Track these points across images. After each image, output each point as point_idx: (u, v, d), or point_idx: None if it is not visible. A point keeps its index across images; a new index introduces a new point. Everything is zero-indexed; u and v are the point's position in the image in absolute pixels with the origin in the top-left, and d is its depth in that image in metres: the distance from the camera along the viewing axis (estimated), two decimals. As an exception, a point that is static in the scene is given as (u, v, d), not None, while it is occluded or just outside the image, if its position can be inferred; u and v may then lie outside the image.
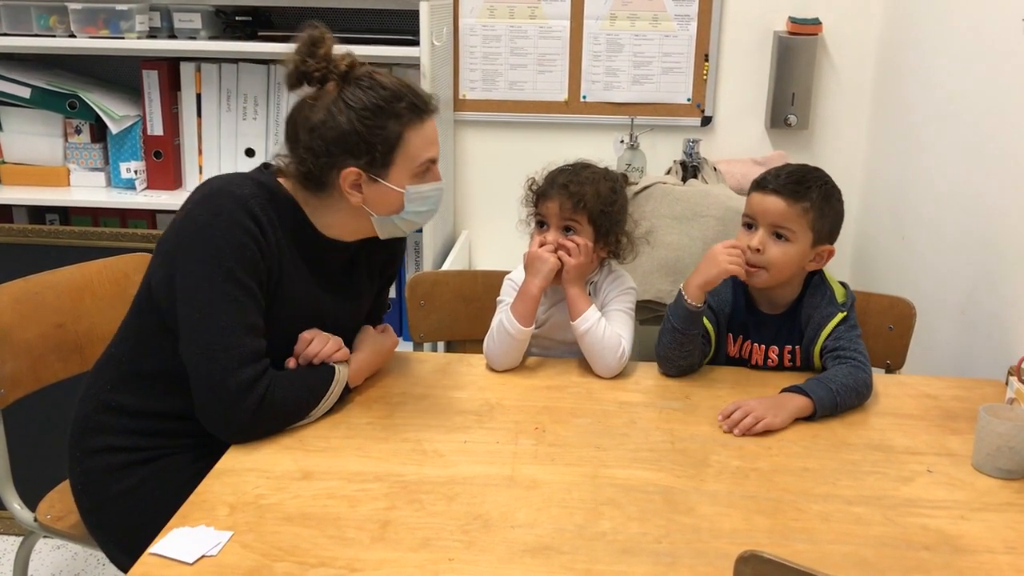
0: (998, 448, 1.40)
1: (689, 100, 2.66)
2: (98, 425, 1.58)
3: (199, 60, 2.45)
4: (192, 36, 2.39)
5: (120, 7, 2.33)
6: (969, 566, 1.20)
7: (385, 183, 1.52)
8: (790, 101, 2.58)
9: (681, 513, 1.30)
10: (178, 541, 1.20)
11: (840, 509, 1.32)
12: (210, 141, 2.50)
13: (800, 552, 1.21)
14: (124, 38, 2.35)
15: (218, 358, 1.43)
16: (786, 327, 1.76)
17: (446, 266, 2.46)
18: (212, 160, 2.52)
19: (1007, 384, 1.59)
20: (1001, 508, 1.33)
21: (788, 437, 1.52)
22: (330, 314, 1.62)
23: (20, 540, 1.83)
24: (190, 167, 2.53)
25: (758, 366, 1.77)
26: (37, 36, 2.37)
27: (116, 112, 2.43)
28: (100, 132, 2.51)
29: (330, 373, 1.55)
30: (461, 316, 2.08)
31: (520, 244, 1.86)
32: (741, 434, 1.51)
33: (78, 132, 2.50)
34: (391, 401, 1.62)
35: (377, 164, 1.50)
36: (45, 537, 1.77)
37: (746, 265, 1.68)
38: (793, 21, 2.54)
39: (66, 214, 2.60)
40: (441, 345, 2.18)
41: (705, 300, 1.68)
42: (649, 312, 2.27)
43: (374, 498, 1.32)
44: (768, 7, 2.58)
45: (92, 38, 2.35)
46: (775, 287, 1.73)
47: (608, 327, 1.72)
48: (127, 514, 1.55)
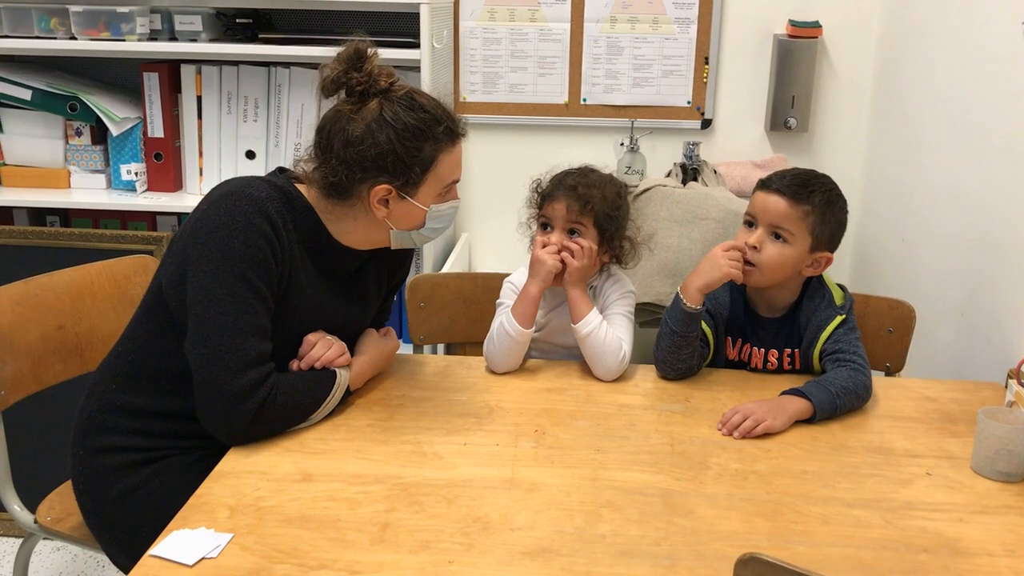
0: (997, 451, 1.40)
1: (689, 103, 2.66)
2: (103, 425, 1.58)
3: (200, 62, 2.45)
4: (193, 38, 2.39)
5: (121, 9, 2.33)
6: (968, 569, 1.20)
7: (412, 201, 1.54)
8: (790, 104, 2.58)
9: (680, 515, 1.30)
10: (178, 543, 1.21)
11: (839, 512, 1.32)
12: (210, 143, 2.51)
13: (799, 554, 1.21)
14: (125, 40, 2.35)
15: (222, 359, 1.43)
16: (785, 330, 1.76)
17: (446, 268, 2.46)
18: (212, 162, 2.52)
19: (1006, 387, 1.59)
20: (1000, 511, 1.34)
21: (787, 440, 1.52)
22: (338, 318, 1.63)
23: (20, 542, 1.83)
24: (190, 169, 2.53)
25: (757, 369, 1.78)
26: (38, 38, 2.38)
27: (117, 114, 2.43)
28: (101, 134, 2.51)
29: (331, 378, 1.55)
30: (461, 318, 2.08)
31: (520, 246, 1.86)
32: (741, 437, 1.52)
33: (79, 134, 2.50)
34: (391, 403, 1.63)
35: (410, 183, 1.53)
36: (45, 539, 1.78)
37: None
38: (793, 24, 2.54)
39: (66, 216, 2.61)
40: (441, 347, 2.18)
41: (703, 303, 1.68)
42: (649, 315, 2.27)
43: (374, 500, 1.32)
44: (768, 10, 2.58)
45: (93, 40, 2.35)
46: (771, 289, 1.74)
47: (609, 330, 1.72)
48: (129, 514, 1.55)
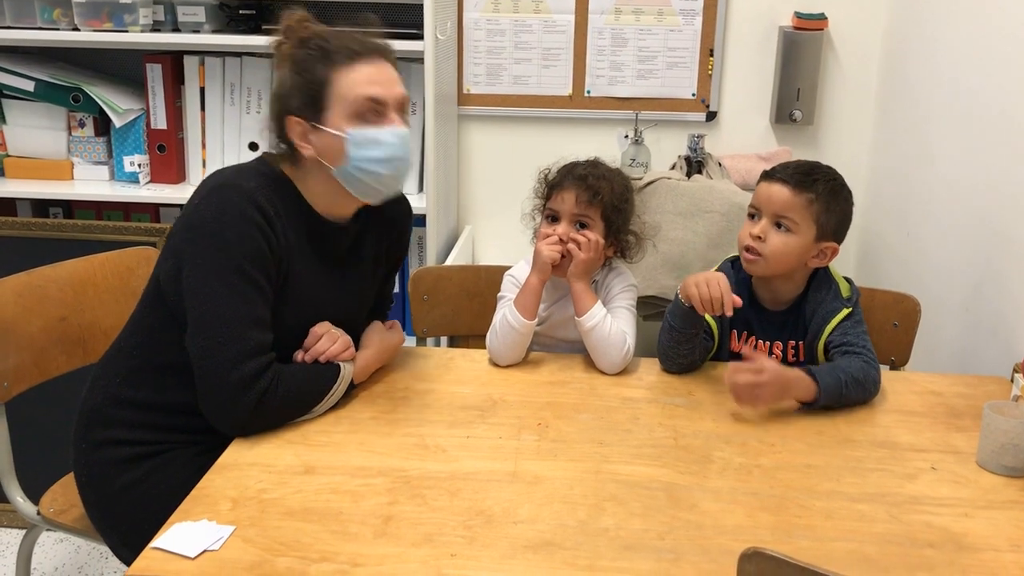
0: (1003, 445, 1.40)
1: (694, 95, 2.65)
2: (106, 418, 1.58)
3: (203, 54, 2.45)
4: (196, 29, 2.38)
5: (124, 0, 2.32)
6: (973, 564, 1.19)
7: (326, 128, 1.51)
8: (795, 96, 2.57)
9: (684, 509, 1.30)
10: (180, 535, 1.20)
11: (844, 506, 1.31)
12: (213, 135, 2.50)
13: (804, 549, 1.21)
14: (128, 31, 2.34)
15: (222, 351, 1.43)
16: (790, 323, 1.75)
17: (449, 261, 2.45)
18: (215, 154, 2.51)
19: (1012, 381, 1.59)
20: (1006, 506, 1.33)
21: (792, 434, 1.52)
22: (338, 302, 1.63)
23: (23, 533, 1.83)
24: (193, 161, 2.53)
25: (762, 363, 1.77)
26: (41, 29, 2.37)
27: (120, 106, 2.43)
28: (104, 126, 2.51)
29: (335, 371, 1.55)
30: (464, 311, 2.07)
31: (524, 239, 1.85)
32: (735, 397, 1.55)
33: (82, 125, 2.49)
34: (394, 396, 1.62)
35: (313, 109, 1.51)
36: (48, 530, 1.78)
37: (745, 253, 1.68)
38: (799, 16, 2.53)
39: (69, 207, 2.60)
40: (444, 340, 2.17)
41: None
42: (653, 308, 2.26)
43: (376, 493, 1.32)
44: (774, 2, 2.57)
45: (96, 31, 2.35)
46: (776, 281, 1.73)
47: (614, 323, 1.72)
48: (131, 507, 1.55)
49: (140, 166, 2.49)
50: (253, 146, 2.49)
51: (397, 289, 2.57)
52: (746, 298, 1.77)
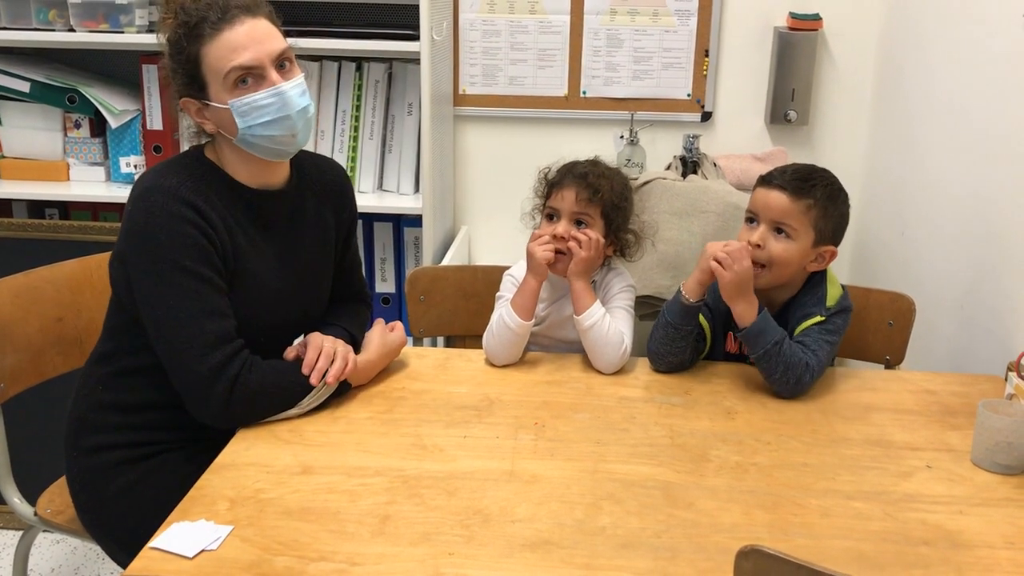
0: (997, 443, 1.40)
1: (689, 96, 2.65)
2: (93, 424, 1.58)
3: (199, 54, 2.44)
4: (192, 30, 2.38)
5: (120, 1, 2.32)
6: (968, 561, 1.20)
7: (212, 103, 1.51)
8: (790, 97, 2.57)
9: (681, 508, 1.30)
10: (178, 535, 1.21)
11: (840, 504, 1.32)
12: (210, 136, 2.50)
13: (800, 547, 1.21)
14: (124, 32, 2.34)
15: (186, 349, 1.45)
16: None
17: (446, 261, 2.46)
18: (212, 155, 2.51)
19: (1006, 380, 1.59)
20: (1000, 503, 1.34)
21: (787, 432, 1.52)
22: (293, 272, 1.62)
23: (20, 534, 1.83)
24: (190, 162, 2.52)
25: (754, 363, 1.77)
26: (36, 30, 2.37)
27: (116, 107, 2.43)
28: (100, 126, 2.51)
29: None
30: (461, 311, 2.08)
31: (521, 239, 1.85)
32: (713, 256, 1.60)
33: (77, 126, 2.49)
34: (391, 396, 1.62)
35: (196, 87, 1.51)
36: (45, 531, 1.78)
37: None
38: (794, 16, 2.53)
39: (65, 208, 2.60)
40: (441, 340, 2.18)
41: (703, 298, 1.68)
42: (649, 307, 2.27)
43: (374, 493, 1.32)
44: (768, 2, 2.57)
45: (92, 32, 2.34)
46: (776, 286, 1.73)
47: (612, 323, 1.72)
48: (125, 511, 1.55)
49: (136, 167, 2.49)
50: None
51: (394, 290, 2.59)
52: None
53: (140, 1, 2.35)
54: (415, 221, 2.49)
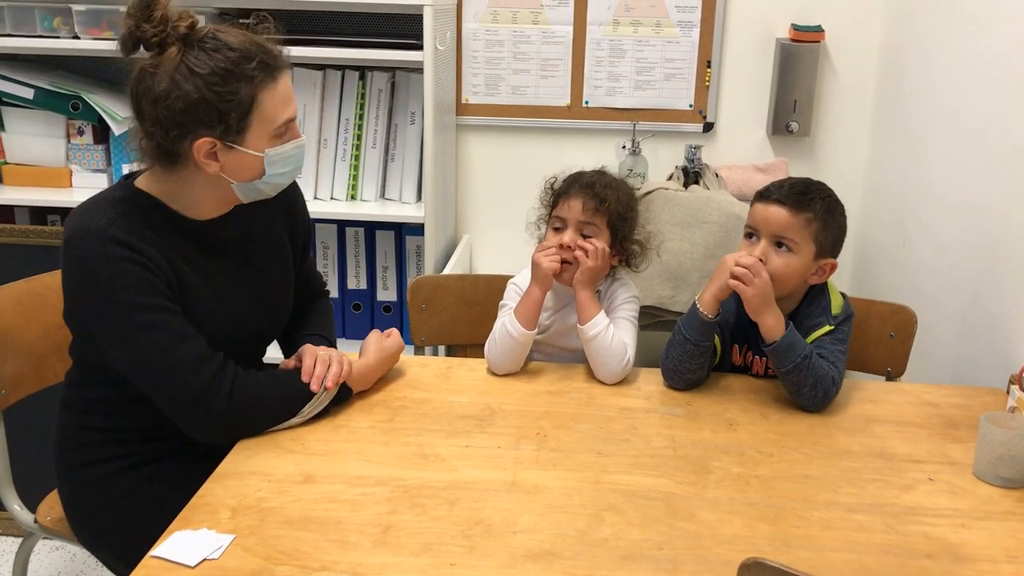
0: (999, 456, 1.40)
1: (691, 106, 2.66)
2: (77, 442, 1.58)
3: (202, 62, 2.45)
4: (195, 38, 2.39)
5: (124, 9, 2.32)
6: (970, 574, 1.20)
7: (243, 149, 1.43)
8: (792, 108, 2.58)
9: (683, 519, 1.30)
10: (180, 544, 1.21)
11: (841, 516, 1.32)
12: (212, 143, 2.50)
13: (802, 559, 1.21)
14: (128, 40, 2.35)
15: (170, 380, 1.42)
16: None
17: (447, 270, 2.46)
18: (214, 162, 2.51)
19: (1008, 392, 1.59)
20: (1002, 517, 1.34)
21: (789, 444, 1.52)
22: (251, 292, 1.58)
23: (20, 541, 1.83)
24: (192, 169, 2.53)
25: (759, 375, 1.77)
26: (41, 37, 2.37)
27: (119, 114, 2.43)
28: (103, 133, 2.51)
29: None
30: (462, 320, 2.08)
31: (523, 248, 1.86)
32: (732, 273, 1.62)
33: (80, 133, 2.50)
34: (392, 405, 1.62)
35: (232, 131, 1.41)
36: (45, 538, 1.77)
37: None
38: (796, 28, 2.54)
39: (68, 215, 2.60)
40: (442, 349, 2.18)
41: (719, 312, 1.68)
42: (650, 318, 2.27)
43: (376, 502, 1.32)
44: (771, 14, 2.58)
45: (96, 39, 2.35)
46: (777, 299, 1.73)
47: (616, 334, 1.72)
48: (120, 522, 1.55)
49: (139, 174, 2.49)
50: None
51: (395, 298, 2.59)
52: (745, 313, 1.77)
53: (144, 9, 2.35)
54: (417, 230, 2.49)
